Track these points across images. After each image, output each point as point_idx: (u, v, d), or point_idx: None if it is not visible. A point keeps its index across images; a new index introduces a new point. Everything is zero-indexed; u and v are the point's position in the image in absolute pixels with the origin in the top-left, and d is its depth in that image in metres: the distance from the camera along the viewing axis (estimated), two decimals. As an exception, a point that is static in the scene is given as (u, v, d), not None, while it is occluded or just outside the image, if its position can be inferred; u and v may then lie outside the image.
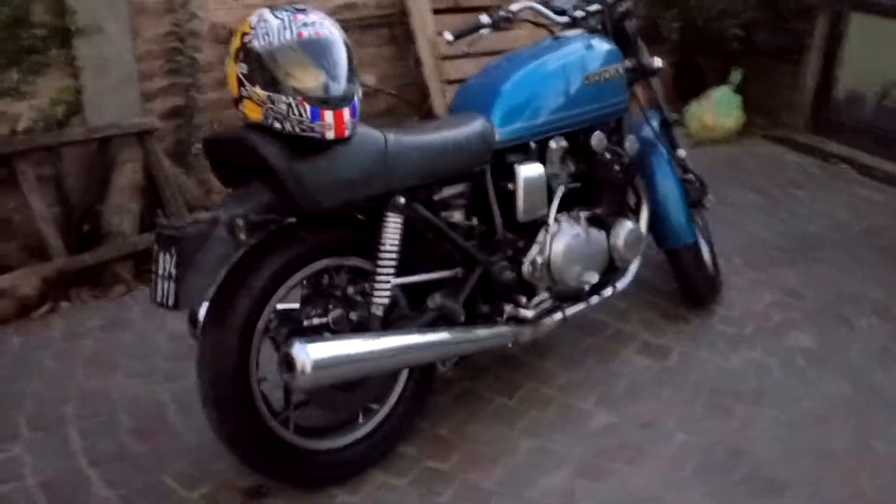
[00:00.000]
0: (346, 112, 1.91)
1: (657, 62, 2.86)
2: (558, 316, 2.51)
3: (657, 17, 5.11)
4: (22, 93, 3.17)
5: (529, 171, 2.40)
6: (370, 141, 2.05)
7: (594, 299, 2.64)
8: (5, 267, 3.08)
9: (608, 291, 2.67)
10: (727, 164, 4.71)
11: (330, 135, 1.89)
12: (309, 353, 1.90)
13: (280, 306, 2.09)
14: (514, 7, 2.69)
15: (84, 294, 3.13)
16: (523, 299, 2.43)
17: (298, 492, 2.17)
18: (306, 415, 2.20)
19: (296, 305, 2.15)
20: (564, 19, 2.74)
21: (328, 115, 1.88)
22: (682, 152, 3.03)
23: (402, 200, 2.11)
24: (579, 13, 2.73)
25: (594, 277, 2.53)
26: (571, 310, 2.55)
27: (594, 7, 2.74)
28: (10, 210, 3.17)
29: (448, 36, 2.70)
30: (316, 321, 2.07)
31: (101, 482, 2.20)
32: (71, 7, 3.17)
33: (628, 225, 2.65)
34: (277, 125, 1.87)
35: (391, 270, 2.12)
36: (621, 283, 2.71)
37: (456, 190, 2.33)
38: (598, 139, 2.57)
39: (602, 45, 2.65)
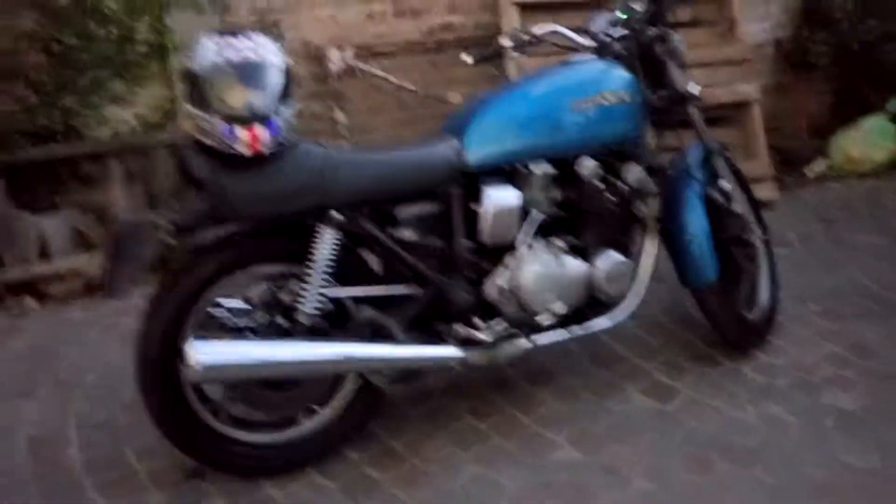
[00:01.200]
0: (261, 130, 1.98)
1: (693, 89, 2.65)
2: (524, 343, 2.40)
3: (805, 41, 4.68)
4: (126, 101, 3.62)
5: (498, 194, 2.33)
6: (304, 157, 2.12)
7: (576, 331, 2.49)
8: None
9: (594, 325, 2.51)
10: (865, 199, 4.20)
11: (244, 150, 1.99)
12: (199, 351, 1.99)
13: (228, 304, 2.22)
14: (538, 30, 2.65)
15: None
16: (479, 322, 2.36)
17: (233, 480, 2.26)
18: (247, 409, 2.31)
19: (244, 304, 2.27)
20: (591, 43, 2.64)
21: (240, 132, 1.97)
22: (725, 184, 2.77)
23: (338, 215, 2.17)
24: (605, 38, 2.62)
25: (560, 308, 2.40)
26: (544, 338, 2.43)
27: (620, 32, 2.61)
28: (108, 201, 3.60)
29: (468, 59, 2.72)
30: (240, 322, 2.17)
31: (77, 445, 2.45)
32: (170, 26, 3.58)
33: (613, 257, 2.47)
34: (203, 139, 2.01)
35: (320, 281, 2.18)
36: (609, 319, 2.52)
37: (421, 209, 2.33)
38: (587, 167, 2.43)
39: (608, 71, 2.50)
